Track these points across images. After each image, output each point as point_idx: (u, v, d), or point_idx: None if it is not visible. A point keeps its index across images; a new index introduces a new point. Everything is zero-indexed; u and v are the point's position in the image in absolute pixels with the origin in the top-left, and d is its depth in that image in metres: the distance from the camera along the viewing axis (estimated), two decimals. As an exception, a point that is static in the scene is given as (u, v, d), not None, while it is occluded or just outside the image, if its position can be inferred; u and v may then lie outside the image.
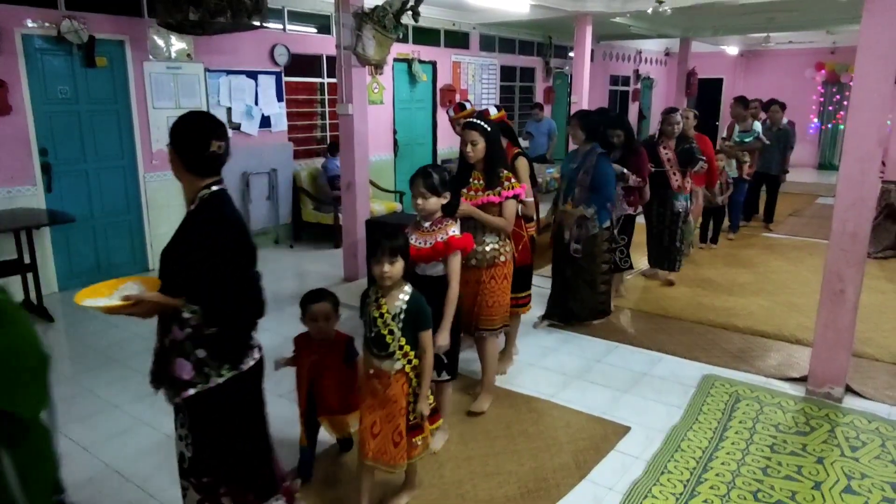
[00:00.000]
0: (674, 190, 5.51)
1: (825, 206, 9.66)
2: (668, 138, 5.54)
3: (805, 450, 3.15)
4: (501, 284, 3.41)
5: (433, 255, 2.84)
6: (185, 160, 2.06)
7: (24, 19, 5.10)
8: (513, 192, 3.30)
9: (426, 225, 2.89)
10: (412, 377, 2.52)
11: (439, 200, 2.85)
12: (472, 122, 3.29)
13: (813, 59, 14.49)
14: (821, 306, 3.61)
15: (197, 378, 2.01)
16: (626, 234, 5.20)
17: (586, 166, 4.34)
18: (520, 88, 11.28)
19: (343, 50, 5.40)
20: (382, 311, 2.46)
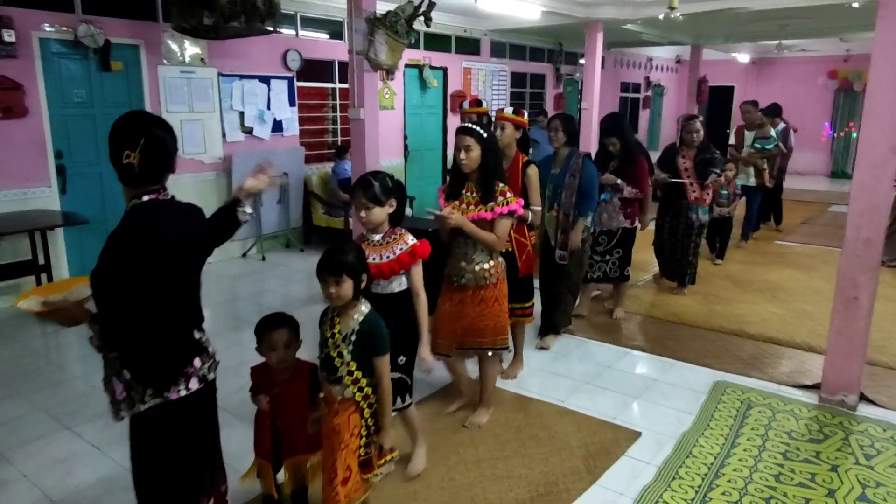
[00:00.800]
0: (690, 202, 5.31)
1: (838, 214, 9.59)
2: (687, 147, 5.33)
3: (818, 457, 3.12)
4: (492, 308, 3.13)
5: (397, 269, 2.61)
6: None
7: (42, 23, 5.17)
8: (507, 208, 2.99)
9: (376, 238, 2.64)
10: (364, 407, 2.27)
11: (384, 210, 2.61)
12: (468, 126, 3.04)
13: (826, 67, 14.43)
14: (834, 313, 3.57)
15: (127, 400, 1.90)
16: (623, 247, 4.90)
17: (572, 169, 4.17)
18: (530, 95, 11.30)
19: (355, 55, 5.42)
20: (335, 330, 2.25)
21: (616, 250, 4.90)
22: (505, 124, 3.55)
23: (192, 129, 6.35)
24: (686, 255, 5.47)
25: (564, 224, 4.22)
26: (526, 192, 3.65)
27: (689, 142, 5.30)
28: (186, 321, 2.00)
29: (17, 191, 5.20)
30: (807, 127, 14.89)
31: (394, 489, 2.83)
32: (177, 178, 6.35)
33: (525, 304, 3.83)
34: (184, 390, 1.95)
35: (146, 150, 1.86)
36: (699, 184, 5.25)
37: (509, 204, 3.00)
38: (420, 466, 2.95)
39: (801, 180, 13.86)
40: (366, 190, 2.56)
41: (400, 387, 2.70)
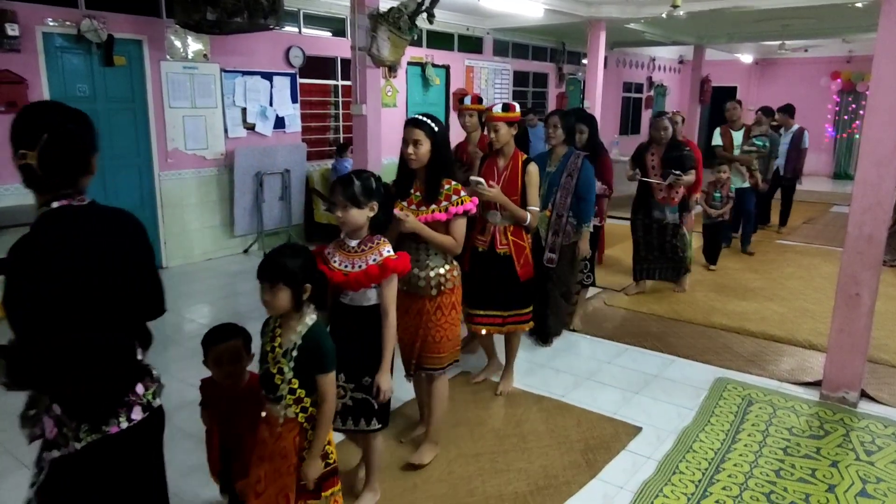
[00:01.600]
0: (657, 201, 5.18)
1: (840, 214, 9.57)
2: (656, 144, 5.20)
3: (819, 453, 3.11)
4: (449, 315, 2.86)
5: (364, 282, 2.34)
6: None
7: (46, 18, 5.18)
8: (462, 207, 2.74)
9: (352, 244, 2.39)
10: (308, 429, 2.07)
11: (363, 213, 2.34)
12: (418, 118, 2.74)
13: (828, 68, 14.41)
14: (836, 310, 3.57)
15: (59, 439, 1.61)
16: (592, 247, 4.64)
17: (570, 169, 4.01)
18: (532, 94, 11.30)
19: (358, 51, 5.43)
20: (276, 343, 2.04)
21: None
22: (498, 125, 3.34)
23: (195, 124, 6.36)
24: (665, 255, 5.38)
25: (556, 226, 4.05)
26: (525, 191, 3.45)
27: (658, 139, 5.17)
28: (124, 342, 1.69)
29: (19, 185, 5.19)
30: (809, 128, 14.85)
31: (393, 482, 2.84)
32: (179, 174, 6.42)
33: (523, 310, 3.59)
34: (125, 422, 1.66)
35: (48, 149, 1.57)
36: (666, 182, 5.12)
37: (463, 203, 2.75)
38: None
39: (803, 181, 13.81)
40: (345, 188, 2.33)
41: (364, 409, 2.46)
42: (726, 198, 6.23)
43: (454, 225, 2.78)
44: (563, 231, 4.06)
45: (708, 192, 6.25)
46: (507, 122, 3.37)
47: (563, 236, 4.07)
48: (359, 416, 2.48)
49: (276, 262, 1.98)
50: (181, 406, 3.33)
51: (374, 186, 2.37)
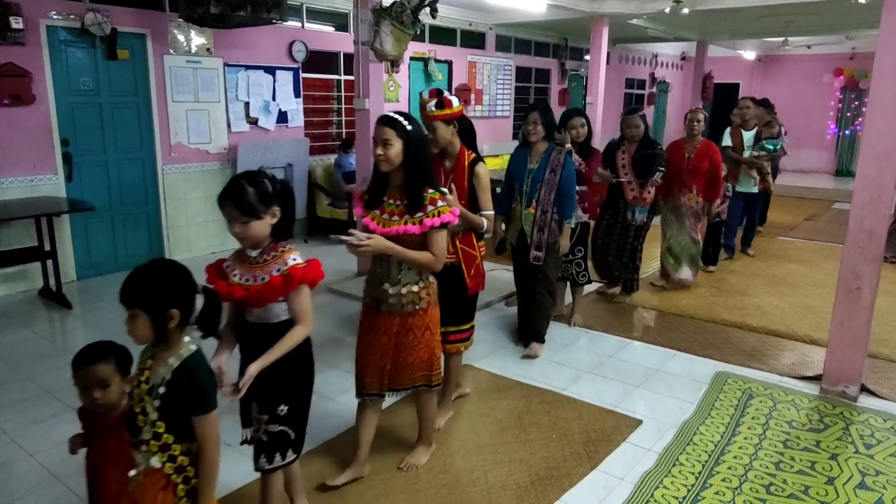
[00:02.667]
0: (628, 201, 4.92)
1: (841, 211, 9.57)
2: (629, 142, 4.93)
3: (819, 446, 3.13)
4: (422, 337, 2.61)
5: (268, 296, 2.04)
6: None
7: (50, 11, 5.19)
8: (440, 219, 2.43)
9: (253, 255, 2.10)
10: (177, 483, 1.77)
11: (263, 224, 2.03)
12: (388, 115, 2.46)
13: (831, 65, 14.40)
14: (836, 304, 3.58)
15: None
16: (583, 244, 4.59)
17: (552, 165, 3.88)
18: (535, 90, 11.29)
19: (361, 45, 5.44)
20: (142, 378, 1.76)
21: (577, 248, 4.55)
22: (434, 125, 3.03)
23: (198, 119, 6.38)
24: (621, 258, 5.08)
25: (541, 222, 3.93)
26: (475, 194, 3.15)
27: (630, 137, 4.90)
28: None
29: (24, 178, 5.23)
30: (811, 125, 14.91)
31: (394, 473, 2.86)
32: (182, 168, 6.43)
33: (463, 326, 3.26)
34: None
35: None
36: (638, 182, 4.85)
37: (441, 214, 2.44)
38: None
39: (805, 178, 13.89)
40: (238, 199, 1.99)
41: (280, 441, 2.19)
42: (724, 197, 5.93)
43: (432, 239, 2.48)
44: (549, 227, 3.94)
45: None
46: (444, 121, 3.07)
47: (549, 233, 3.96)
48: (274, 451, 2.19)
49: (130, 285, 1.71)
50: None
51: (271, 189, 2.05)
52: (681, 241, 5.44)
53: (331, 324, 4.75)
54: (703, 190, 5.28)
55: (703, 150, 5.23)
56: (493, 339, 4.45)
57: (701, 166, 5.20)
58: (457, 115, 3.12)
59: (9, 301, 5.12)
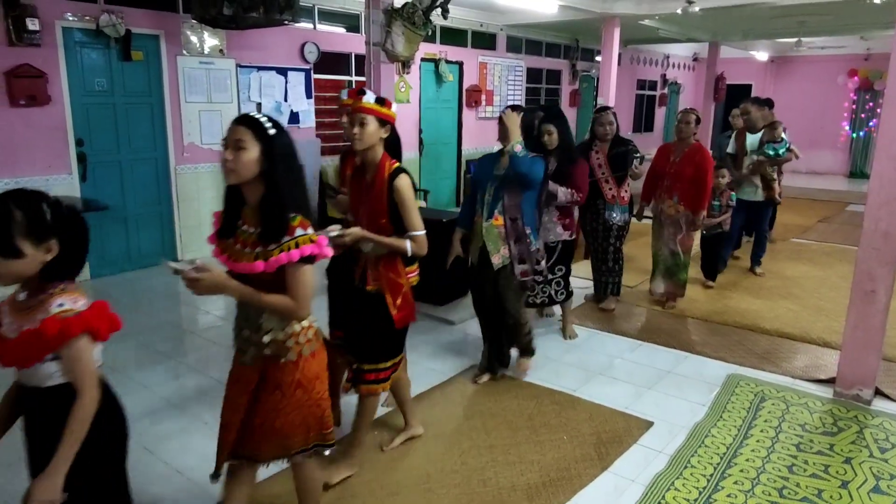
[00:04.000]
0: (607, 201, 4.71)
1: (856, 213, 9.48)
2: (601, 141, 4.72)
3: (832, 450, 3.10)
4: (293, 397, 2.00)
5: (26, 353, 1.61)
6: None
7: (65, 13, 5.25)
8: (298, 252, 1.85)
9: (21, 297, 1.69)
10: None
11: (27, 263, 1.59)
12: (248, 115, 1.92)
13: (845, 66, 14.27)
14: (851, 306, 3.55)
15: None
16: (565, 263, 4.24)
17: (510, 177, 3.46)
18: (546, 91, 11.28)
19: (372, 46, 5.46)
20: None
21: (558, 267, 4.21)
22: (365, 118, 2.54)
23: (210, 119, 6.42)
24: (606, 261, 4.86)
25: (514, 232, 3.46)
26: (396, 213, 2.63)
27: (602, 135, 4.69)
28: None
29: (39, 177, 5.29)
30: (825, 127, 14.79)
31: (405, 473, 2.86)
32: (194, 168, 6.48)
33: (382, 363, 2.76)
34: None
35: None
36: (615, 179, 4.68)
37: (301, 247, 1.85)
38: None
39: (819, 180, 13.78)
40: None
41: None
42: (725, 206, 5.52)
43: (290, 279, 1.88)
44: (525, 237, 3.50)
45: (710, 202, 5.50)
46: (378, 119, 2.58)
47: (526, 243, 3.51)
48: None
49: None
50: (201, 393, 3.37)
51: (48, 216, 1.62)
52: (657, 252, 5.14)
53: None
54: (686, 198, 4.82)
55: (689, 155, 4.80)
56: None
57: (684, 172, 4.79)
58: (391, 119, 2.65)
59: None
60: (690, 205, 4.82)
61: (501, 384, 3.75)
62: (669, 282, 5.13)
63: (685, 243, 4.96)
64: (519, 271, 3.49)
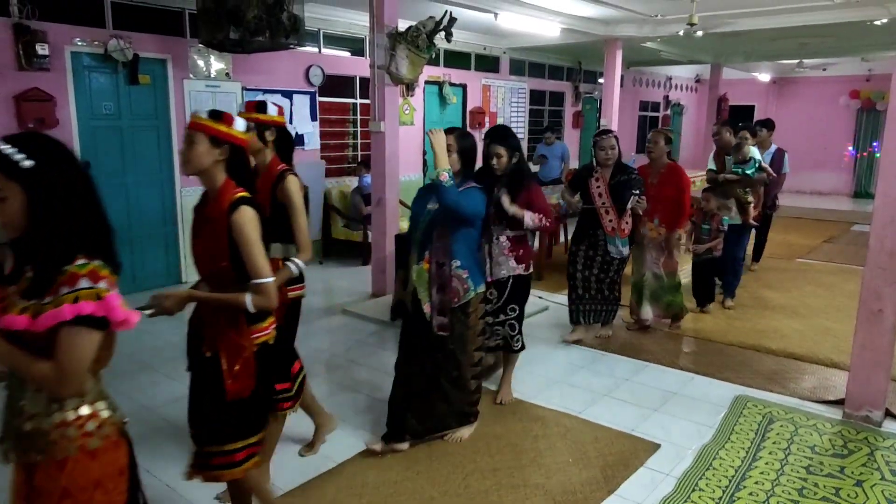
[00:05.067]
0: (607, 233, 4.42)
1: (861, 233, 9.44)
2: (602, 167, 4.44)
3: (843, 472, 3.05)
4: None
5: None
6: None
7: (74, 38, 5.33)
8: (76, 308, 1.44)
9: None
10: None
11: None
12: (21, 134, 1.53)
13: (848, 87, 14.34)
14: (858, 326, 3.52)
15: None
16: (518, 301, 3.67)
17: None
18: (549, 112, 11.35)
19: (377, 69, 5.52)
20: None
21: (510, 307, 3.65)
22: (194, 136, 2.10)
23: (216, 141, 6.47)
24: (602, 291, 4.65)
25: (439, 279, 3.02)
26: (237, 252, 2.07)
27: (604, 160, 4.41)
28: None
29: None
30: (829, 147, 14.82)
31: (408, 496, 2.83)
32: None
33: (230, 445, 2.18)
34: None
35: None
36: (615, 209, 4.37)
37: (79, 302, 1.45)
38: None
39: (823, 200, 13.78)
40: None
41: None
42: (716, 231, 5.29)
43: (58, 342, 1.46)
44: (450, 286, 3.03)
45: (696, 224, 5.39)
46: (210, 137, 2.09)
47: (450, 293, 3.03)
48: None
49: None
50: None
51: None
52: (642, 278, 4.91)
53: (344, 345, 4.75)
54: (667, 220, 4.70)
55: (667, 176, 4.71)
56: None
57: (664, 193, 4.67)
58: (232, 140, 2.13)
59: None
60: (670, 224, 4.73)
61: (504, 406, 3.72)
62: (656, 306, 4.97)
63: (669, 266, 4.85)
64: (436, 324, 3.03)
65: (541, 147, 9.69)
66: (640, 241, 4.80)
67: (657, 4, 7.25)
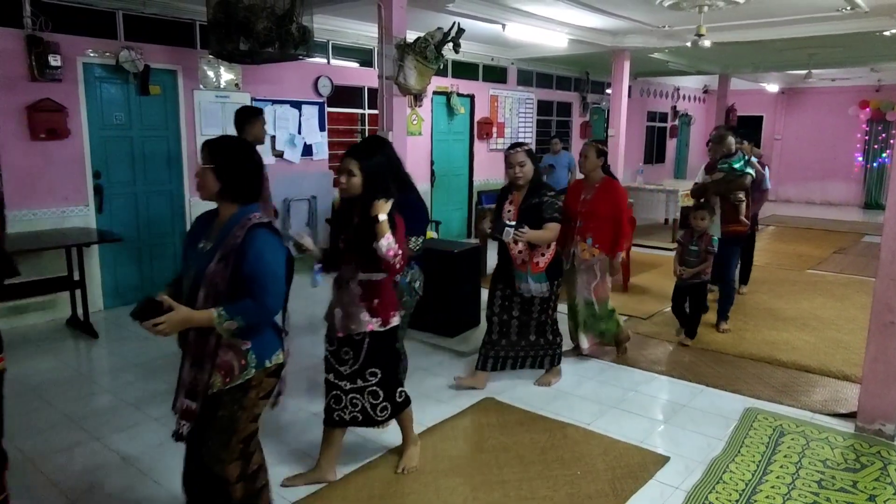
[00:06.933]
0: (515, 266, 3.79)
1: (872, 244, 9.37)
2: (515, 188, 3.83)
3: (856, 487, 3.01)
4: None
5: None
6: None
7: (86, 49, 5.39)
8: None
9: None
10: None
11: None
12: None
13: (857, 97, 14.28)
14: (870, 338, 3.49)
15: None
16: (380, 365, 2.91)
17: (224, 249, 2.13)
18: (557, 123, 11.36)
19: (385, 79, 5.54)
20: None
21: (370, 371, 2.88)
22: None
23: (225, 151, 6.50)
24: (526, 335, 4.03)
25: (197, 350, 2.17)
26: None
27: (513, 179, 3.77)
28: None
29: (56, 209, 5.37)
30: (838, 157, 14.75)
31: (417, 507, 2.81)
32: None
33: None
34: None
35: None
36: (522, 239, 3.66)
37: None
38: None
39: (833, 210, 13.71)
40: None
41: None
42: (705, 252, 4.77)
43: None
44: (214, 360, 2.13)
45: (683, 245, 4.94)
46: None
47: (214, 369, 2.13)
48: None
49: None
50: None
51: None
52: (575, 302, 4.45)
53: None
54: (601, 240, 4.23)
55: (602, 191, 4.24)
56: (513, 372, 4.39)
57: (598, 210, 4.21)
58: None
59: (37, 329, 5.20)
60: (607, 248, 4.26)
61: (513, 417, 3.69)
62: (591, 334, 4.50)
63: (599, 292, 4.36)
64: (179, 407, 2.20)
65: (547, 157, 9.69)
66: (573, 263, 4.32)
67: (665, 15, 7.25)
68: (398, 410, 3.01)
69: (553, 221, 3.70)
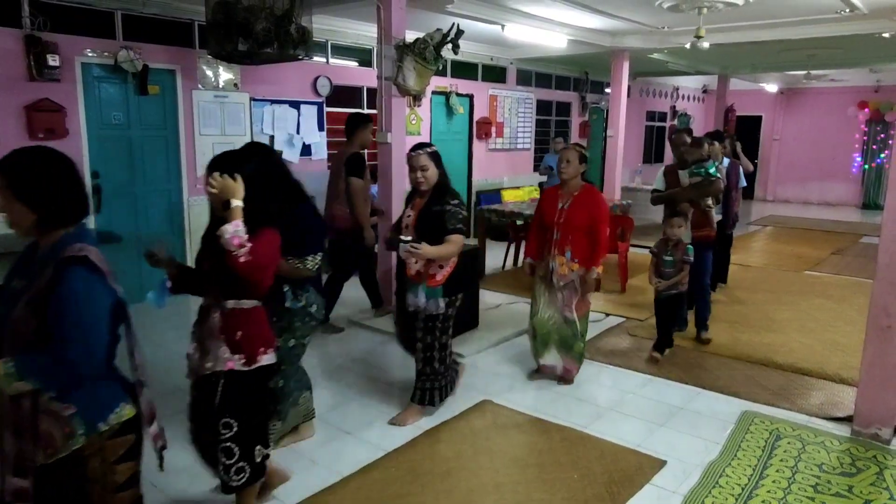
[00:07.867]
0: (409, 276, 3.42)
1: (870, 245, 9.38)
2: (417, 193, 3.51)
3: (851, 491, 3.02)
4: None
5: None
6: None
7: (85, 49, 5.38)
8: None
9: None
10: None
11: None
12: None
13: (856, 98, 14.29)
14: (867, 342, 3.49)
15: None
16: (236, 414, 2.39)
17: (35, 287, 1.76)
18: (556, 123, 11.36)
19: (384, 80, 5.54)
20: None
21: (224, 422, 2.38)
22: None
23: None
24: (431, 364, 3.52)
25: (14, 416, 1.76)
26: None
27: (416, 184, 3.44)
28: None
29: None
30: (837, 158, 14.76)
31: (414, 510, 2.81)
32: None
33: None
34: None
35: None
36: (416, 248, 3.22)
37: None
38: None
39: (831, 211, 13.72)
40: None
41: None
42: (681, 262, 4.55)
43: None
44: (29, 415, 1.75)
45: (657, 255, 4.68)
46: None
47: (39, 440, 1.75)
48: None
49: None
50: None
51: None
52: (547, 319, 4.15)
53: (350, 356, 4.75)
54: (580, 253, 3.94)
55: (581, 200, 3.96)
56: (511, 373, 4.41)
57: (576, 220, 3.92)
58: None
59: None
60: (586, 261, 3.96)
61: (508, 420, 3.70)
62: (567, 356, 4.18)
63: (582, 308, 4.09)
64: (8, 490, 1.76)
65: (548, 157, 9.69)
66: (549, 278, 4.05)
67: (664, 16, 7.25)
68: (258, 475, 2.45)
69: (457, 233, 3.32)
